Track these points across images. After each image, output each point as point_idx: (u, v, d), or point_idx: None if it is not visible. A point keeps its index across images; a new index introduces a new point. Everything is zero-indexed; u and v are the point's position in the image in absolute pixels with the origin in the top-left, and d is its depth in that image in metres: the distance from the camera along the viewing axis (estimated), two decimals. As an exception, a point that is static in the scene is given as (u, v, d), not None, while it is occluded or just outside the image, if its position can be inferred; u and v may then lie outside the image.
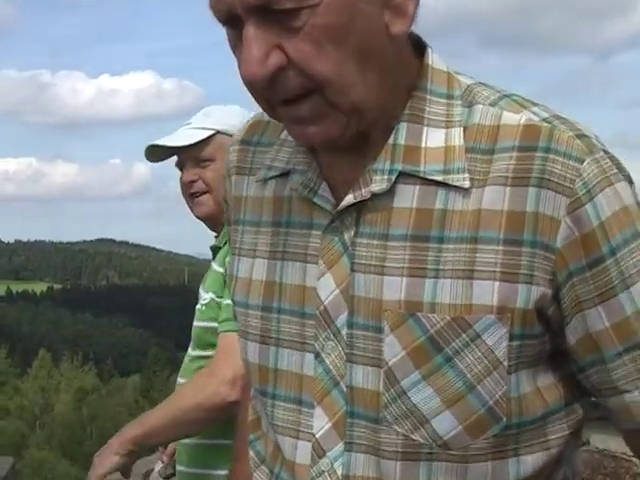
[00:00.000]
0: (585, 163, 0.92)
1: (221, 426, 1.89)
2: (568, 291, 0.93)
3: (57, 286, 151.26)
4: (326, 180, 1.00)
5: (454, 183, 0.93)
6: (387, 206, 0.96)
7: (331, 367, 0.98)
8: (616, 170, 0.95)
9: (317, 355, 0.99)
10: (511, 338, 0.92)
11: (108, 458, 1.86)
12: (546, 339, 0.95)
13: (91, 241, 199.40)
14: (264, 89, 0.90)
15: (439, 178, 0.94)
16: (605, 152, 0.95)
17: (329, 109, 0.91)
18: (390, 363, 0.94)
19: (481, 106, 0.97)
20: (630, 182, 0.97)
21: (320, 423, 0.99)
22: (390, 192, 0.96)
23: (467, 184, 0.93)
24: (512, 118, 0.95)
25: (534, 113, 0.96)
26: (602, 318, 0.93)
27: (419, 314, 0.93)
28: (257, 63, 0.88)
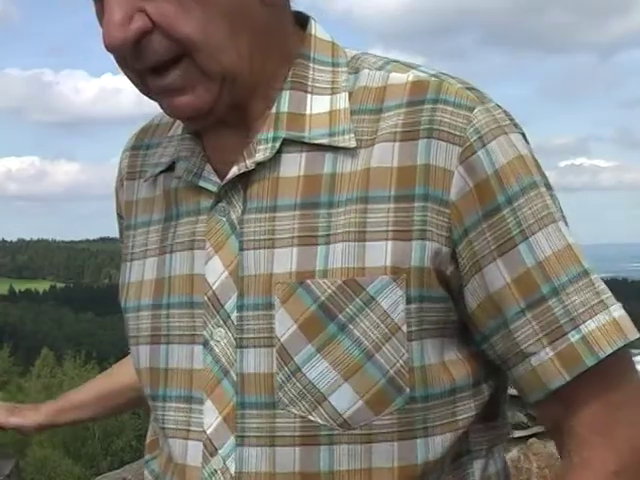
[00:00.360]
0: (476, 110, 0.89)
1: None
2: (465, 248, 0.88)
3: (60, 285, 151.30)
4: (210, 162, 0.96)
5: (340, 144, 0.90)
6: (273, 177, 0.92)
7: (220, 355, 0.92)
8: (509, 122, 0.92)
9: (205, 344, 0.93)
10: (408, 300, 0.87)
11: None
12: (450, 305, 0.90)
13: (94, 240, 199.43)
14: (130, 57, 0.86)
15: (324, 141, 0.91)
16: (498, 106, 0.93)
17: (199, 76, 0.87)
18: (282, 340, 0.88)
19: (367, 70, 0.94)
20: (526, 140, 0.94)
21: (210, 418, 0.92)
22: (275, 162, 0.92)
23: (353, 144, 0.90)
24: (399, 78, 0.92)
25: (421, 71, 0.93)
26: (501, 273, 0.88)
27: (308, 281, 0.87)
28: (118, 27, 0.84)
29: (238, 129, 0.94)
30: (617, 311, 0.90)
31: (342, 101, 0.93)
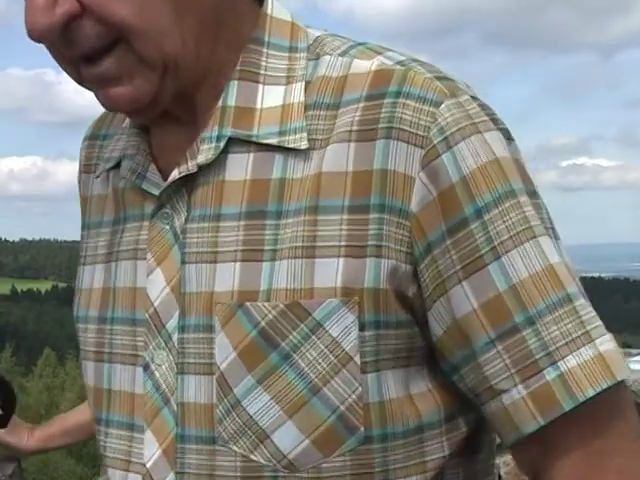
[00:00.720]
0: (443, 106, 0.77)
1: None
2: (428, 266, 0.77)
3: (62, 284, 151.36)
4: (156, 161, 0.86)
5: (290, 145, 0.79)
6: (219, 181, 0.81)
7: (161, 381, 0.82)
8: (486, 118, 0.79)
9: (146, 367, 0.83)
10: (362, 327, 0.76)
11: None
12: (415, 330, 0.79)
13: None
14: (59, 44, 0.77)
15: (274, 141, 0.80)
16: (474, 98, 0.80)
17: (137, 64, 0.77)
18: (222, 368, 0.78)
19: (329, 57, 0.82)
20: (508, 137, 0.81)
21: (150, 450, 0.83)
22: (221, 164, 0.81)
23: (304, 144, 0.79)
24: (362, 66, 0.80)
25: (388, 57, 0.81)
26: (468, 297, 0.76)
27: (248, 304, 0.77)
28: (42, 12, 0.74)
29: (185, 124, 0.84)
30: (605, 344, 0.77)
31: (297, 93, 0.81)
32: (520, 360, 0.76)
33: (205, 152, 0.81)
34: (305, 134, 0.79)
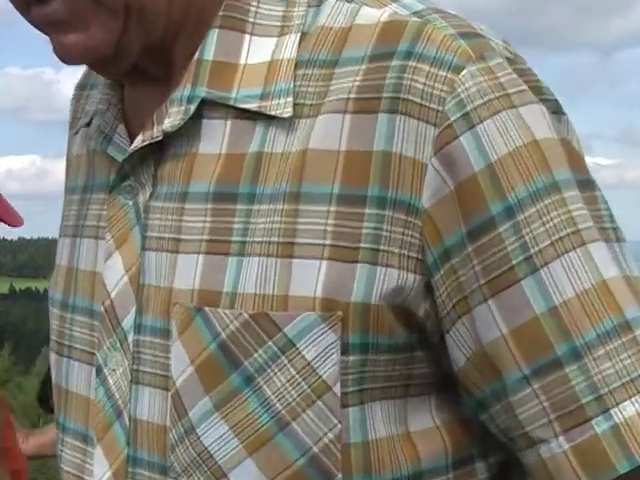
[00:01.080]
0: (465, 71, 0.60)
1: None
2: (446, 278, 0.61)
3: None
4: (127, 121, 0.72)
5: (271, 112, 0.64)
6: (191, 152, 0.67)
7: (114, 389, 0.69)
8: (524, 87, 0.62)
9: (99, 371, 0.71)
10: (345, 350, 0.61)
11: None
12: (418, 356, 0.64)
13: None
14: None
15: (253, 106, 0.65)
16: (511, 61, 0.63)
17: (92, 7, 0.64)
18: (178, 384, 0.64)
19: (333, 2, 0.67)
20: (556, 111, 0.65)
21: (100, 469, 0.70)
22: (196, 131, 0.67)
23: (288, 112, 0.63)
24: (371, 15, 0.64)
25: (404, 6, 0.65)
26: (496, 320, 0.60)
27: (207, 309, 0.63)
28: None
29: (160, 82, 0.71)
30: None
31: (290, 46, 0.65)
32: (562, 404, 0.60)
33: (173, 116, 0.67)
34: (291, 99, 0.64)
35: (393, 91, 0.61)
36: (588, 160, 0.64)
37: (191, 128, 0.67)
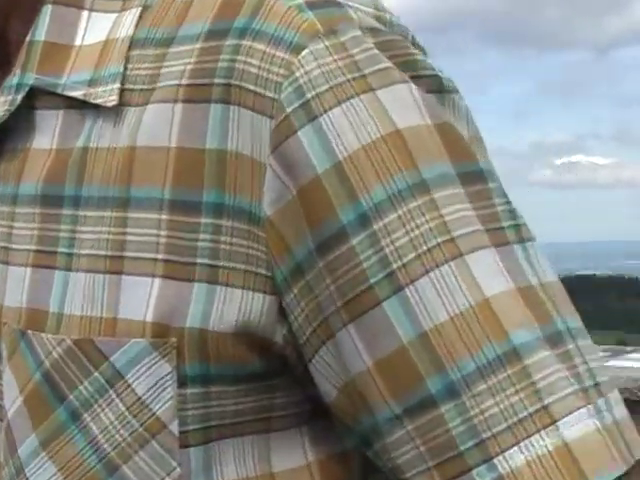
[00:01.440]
0: (306, 51, 0.49)
1: None
2: (300, 298, 0.50)
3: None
4: None
5: (96, 100, 0.54)
6: (25, 148, 0.58)
7: None
8: (389, 64, 0.50)
9: None
10: (182, 382, 0.51)
11: None
12: (280, 383, 0.53)
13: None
14: None
15: (79, 94, 0.55)
16: (374, 31, 0.51)
17: None
18: (9, 415, 0.56)
19: None
20: (439, 90, 0.52)
21: None
22: (28, 124, 0.57)
23: (113, 100, 0.53)
24: None
25: None
26: (358, 350, 0.49)
27: (30, 333, 0.54)
28: None
29: (1, 67, 0.61)
30: (578, 425, 0.47)
31: (127, 23, 0.55)
32: (440, 451, 0.48)
33: (1, 106, 0.57)
34: (117, 85, 0.54)
35: (225, 77, 0.50)
36: (584, 159, 0.52)
37: (24, 120, 0.58)
